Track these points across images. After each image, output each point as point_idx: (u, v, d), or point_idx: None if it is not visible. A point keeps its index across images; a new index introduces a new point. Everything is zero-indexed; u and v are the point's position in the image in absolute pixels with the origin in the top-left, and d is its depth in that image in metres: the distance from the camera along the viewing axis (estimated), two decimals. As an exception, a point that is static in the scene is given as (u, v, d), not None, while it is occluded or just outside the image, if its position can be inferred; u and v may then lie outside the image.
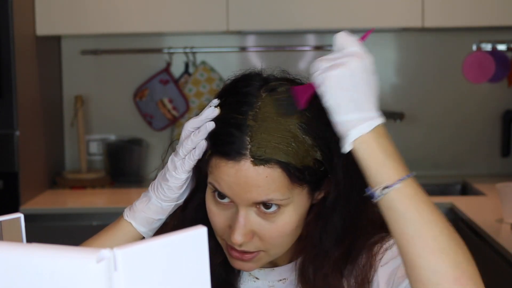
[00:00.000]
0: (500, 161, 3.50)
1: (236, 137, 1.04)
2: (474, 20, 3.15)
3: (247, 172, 1.03)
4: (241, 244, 1.08)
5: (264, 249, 1.09)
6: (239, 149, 1.04)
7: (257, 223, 1.07)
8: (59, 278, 0.64)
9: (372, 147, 0.97)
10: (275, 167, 1.03)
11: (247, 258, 1.10)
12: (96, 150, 3.54)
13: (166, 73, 3.51)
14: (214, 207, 1.10)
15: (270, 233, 1.07)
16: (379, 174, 0.97)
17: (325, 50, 3.52)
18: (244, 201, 1.05)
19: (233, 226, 1.06)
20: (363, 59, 1.01)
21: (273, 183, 1.04)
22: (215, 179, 1.07)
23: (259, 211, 1.06)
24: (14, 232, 0.81)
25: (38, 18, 3.16)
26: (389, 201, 0.97)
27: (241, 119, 1.05)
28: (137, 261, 0.64)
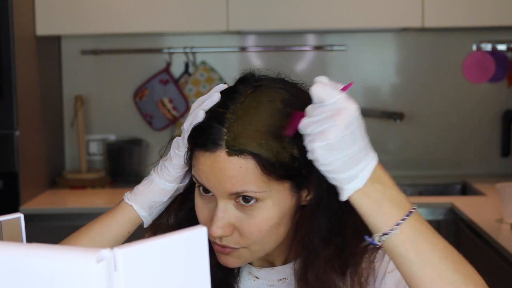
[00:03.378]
0: (500, 161, 3.50)
1: (214, 128, 1.06)
2: (474, 20, 3.15)
3: (221, 163, 1.05)
4: (221, 238, 1.09)
5: (245, 245, 1.10)
6: (216, 140, 1.05)
7: (235, 217, 1.08)
8: (59, 278, 0.64)
9: (366, 197, 0.96)
10: (249, 158, 1.04)
11: (227, 252, 1.10)
12: (96, 150, 3.54)
13: (166, 73, 3.51)
14: (199, 201, 1.12)
15: (249, 227, 1.08)
16: (376, 222, 0.97)
17: (325, 50, 3.52)
18: (220, 192, 1.06)
19: (213, 218, 1.08)
20: (347, 111, 0.94)
21: (247, 175, 1.05)
22: (196, 171, 1.09)
23: (237, 204, 1.07)
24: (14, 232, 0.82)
25: (38, 18, 3.16)
26: (390, 247, 0.97)
27: (222, 112, 1.08)
28: (137, 261, 0.64)
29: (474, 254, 2.64)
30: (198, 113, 1.11)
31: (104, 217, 1.21)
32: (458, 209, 2.85)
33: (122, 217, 1.20)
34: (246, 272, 1.20)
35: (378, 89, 3.54)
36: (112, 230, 1.20)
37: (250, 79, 1.13)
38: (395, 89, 3.54)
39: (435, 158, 3.51)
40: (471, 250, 2.69)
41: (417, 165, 3.50)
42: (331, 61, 3.52)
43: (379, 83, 3.53)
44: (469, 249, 2.72)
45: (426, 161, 3.51)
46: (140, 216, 1.20)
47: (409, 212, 0.97)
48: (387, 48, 3.53)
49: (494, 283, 2.49)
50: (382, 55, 3.53)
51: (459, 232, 2.84)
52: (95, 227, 1.20)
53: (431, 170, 3.50)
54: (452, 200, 2.97)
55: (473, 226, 2.65)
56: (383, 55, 3.53)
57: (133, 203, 1.19)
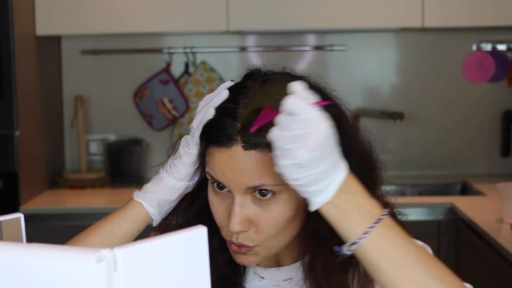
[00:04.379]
0: (500, 161, 3.50)
1: (227, 124, 1.06)
2: (474, 20, 3.15)
3: (238, 157, 1.05)
4: (238, 236, 1.08)
5: (260, 243, 1.09)
6: (230, 135, 1.05)
7: (253, 211, 1.07)
8: (59, 278, 0.64)
9: (334, 208, 0.96)
10: (266, 151, 1.04)
11: (243, 251, 1.10)
12: (96, 150, 3.54)
13: (166, 73, 3.51)
14: (214, 198, 1.11)
15: (266, 221, 1.07)
16: (344, 232, 0.96)
17: (325, 50, 3.52)
18: (238, 187, 1.06)
19: (230, 214, 1.07)
20: (319, 131, 0.91)
21: (265, 168, 1.04)
22: (211, 168, 1.08)
23: (254, 198, 1.07)
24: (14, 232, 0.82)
25: (38, 18, 3.16)
26: (360, 255, 0.96)
27: (233, 107, 1.08)
28: (137, 261, 0.64)
29: (474, 254, 2.64)
30: (208, 111, 1.10)
31: (113, 215, 1.21)
32: (458, 209, 2.85)
33: (132, 215, 1.19)
34: (251, 272, 1.20)
35: (378, 89, 3.54)
36: (121, 228, 1.19)
37: (257, 75, 1.14)
38: (395, 89, 3.53)
39: (435, 158, 3.51)
40: (471, 250, 2.69)
41: (417, 165, 3.50)
42: (331, 61, 3.52)
43: (379, 83, 3.53)
44: (469, 249, 2.72)
45: (426, 161, 3.51)
46: (149, 213, 1.19)
47: (378, 219, 0.96)
48: (387, 48, 3.53)
49: (494, 283, 2.50)
50: (382, 55, 3.53)
51: (459, 232, 2.84)
52: (104, 225, 1.20)
53: (431, 170, 3.50)
54: (452, 200, 2.97)
55: (473, 226, 2.65)
56: (383, 55, 3.53)
57: (142, 200, 1.19)
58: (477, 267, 2.65)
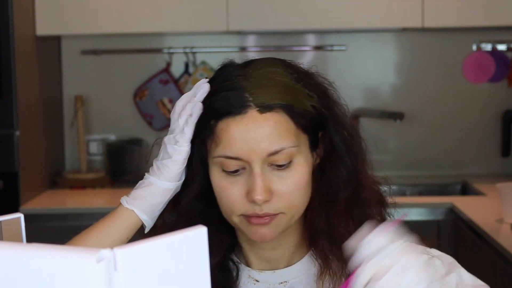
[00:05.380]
0: (500, 161, 3.50)
1: (235, 96, 1.08)
2: (474, 20, 3.15)
3: (256, 122, 1.06)
4: (262, 206, 1.08)
5: (283, 210, 1.09)
6: (243, 103, 1.07)
7: (273, 180, 1.08)
8: (59, 278, 0.64)
9: None
10: (280, 112, 1.06)
11: (268, 220, 1.09)
12: (96, 150, 3.54)
13: (166, 73, 3.51)
14: (225, 181, 1.10)
15: (288, 187, 1.08)
16: None
17: (325, 50, 3.52)
18: (258, 154, 1.06)
19: (252, 186, 1.07)
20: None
21: (282, 129, 1.06)
22: (225, 145, 1.07)
23: (272, 168, 1.08)
24: (14, 232, 0.81)
25: (38, 18, 3.16)
26: None
27: (234, 82, 1.10)
28: (137, 261, 0.64)
29: (474, 254, 2.64)
30: (197, 105, 1.11)
31: (102, 223, 1.17)
32: (458, 209, 2.85)
33: (121, 223, 1.16)
34: (245, 276, 1.19)
35: (378, 89, 3.54)
36: (110, 237, 1.15)
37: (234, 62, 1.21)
38: (395, 89, 3.53)
39: (435, 158, 3.51)
40: (471, 250, 2.69)
41: (417, 165, 3.50)
42: (331, 61, 3.52)
43: (379, 83, 3.53)
44: (469, 249, 2.72)
45: (426, 161, 3.51)
46: (141, 220, 1.16)
47: None
48: (387, 48, 3.53)
49: (494, 283, 2.49)
50: (382, 55, 3.53)
51: (459, 232, 2.84)
52: (92, 234, 1.16)
53: (431, 170, 3.50)
54: (452, 200, 2.97)
55: (473, 226, 2.65)
56: (383, 55, 3.53)
57: (134, 207, 1.16)
58: (477, 267, 2.64)
